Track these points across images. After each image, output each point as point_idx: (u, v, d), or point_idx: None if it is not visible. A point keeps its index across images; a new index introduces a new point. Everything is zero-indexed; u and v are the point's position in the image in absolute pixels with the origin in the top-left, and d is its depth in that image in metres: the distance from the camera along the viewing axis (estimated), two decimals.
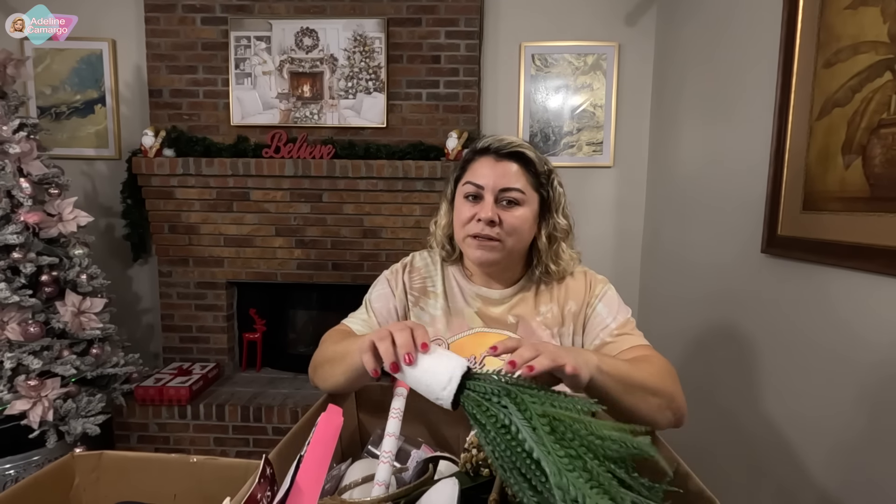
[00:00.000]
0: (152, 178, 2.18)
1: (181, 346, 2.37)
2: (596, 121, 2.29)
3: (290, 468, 0.35)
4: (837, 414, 1.09)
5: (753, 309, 1.43)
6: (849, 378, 1.07)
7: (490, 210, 0.79)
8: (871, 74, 1.03)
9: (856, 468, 1.04)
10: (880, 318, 0.99)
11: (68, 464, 0.63)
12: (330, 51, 2.17)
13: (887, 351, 0.98)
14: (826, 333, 1.14)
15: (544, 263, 0.86)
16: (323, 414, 0.41)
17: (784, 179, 1.28)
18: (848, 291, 1.08)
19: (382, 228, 2.23)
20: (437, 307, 0.88)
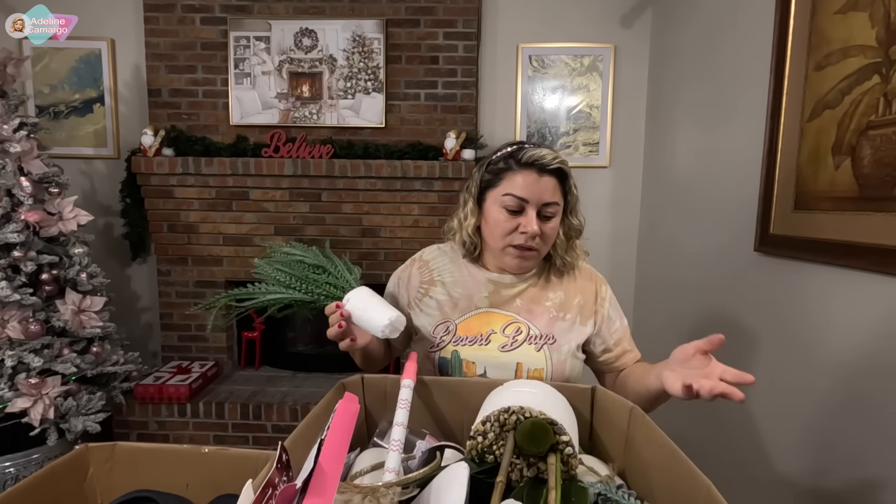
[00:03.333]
0: (152, 178, 2.19)
1: (180, 345, 2.38)
2: (592, 121, 2.32)
3: (312, 451, 0.37)
4: (823, 403, 1.12)
5: (746, 305, 1.46)
6: (837, 371, 1.10)
7: (535, 224, 0.84)
8: (860, 77, 1.06)
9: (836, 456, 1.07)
10: (869, 315, 1.02)
11: (83, 455, 0.65)
12: (329, 51, 2.19)
13: (874, 345, 1.01)
14: (815, 329, 1.17)
15: (561, 257, 0.93)
16: (341, 401, 0.43)
17: (776, 179, 1.31)
18: (838, 289, 1.11)
19: (381, 228, 2.25)
20: (444, 293, 0.94)
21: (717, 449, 1.53)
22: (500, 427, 0.57)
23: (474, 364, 0.88)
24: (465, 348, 0.89)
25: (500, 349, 0.88)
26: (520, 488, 0.53)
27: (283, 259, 0.89)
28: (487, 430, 0.57)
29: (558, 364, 0.88)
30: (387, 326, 0.76)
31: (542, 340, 0.89)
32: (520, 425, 0.55)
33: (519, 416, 0.56)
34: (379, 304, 0.79)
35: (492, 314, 0.91)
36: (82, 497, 0.64)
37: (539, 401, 0.58)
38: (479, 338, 0.89)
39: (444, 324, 0.91)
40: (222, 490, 0.63)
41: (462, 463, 0.47)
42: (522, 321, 0.90)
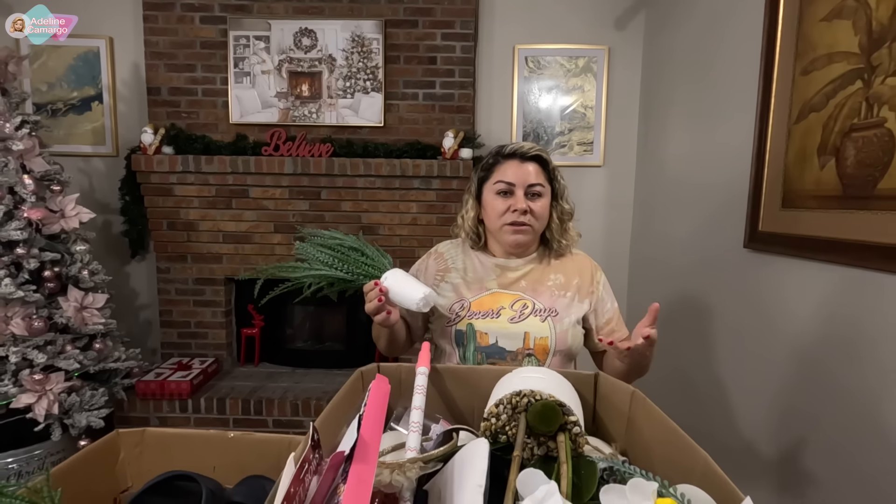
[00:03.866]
0: (152, 176, 2.21)
1: (179, 342, 2.39)
2: (586, 121, 2.37)
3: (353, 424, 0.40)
4: (795, 383, 1.18)
5: (735, 298, 1.51)
6: (812, 354, 1.16)
7: (523, 202, 0.99)
8: (843, 82, 1.11)
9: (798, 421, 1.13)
10: (850, 307, 1.08)
11: (114, 440, 0.68)
12: (328, 51, 2.22)
13: (850, 333, 1.06)
14: (797, 319, 1.23)
15: (557, 240, 1.06)
16: (374, 382, 0.47)
17: (765, 178, 1.37)
18: (822, 283, 1.17)
19: (380, 225, 2.28)
20: (458, 277, 1.07)
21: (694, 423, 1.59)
22: (512, 409, 0.61)
23: (487, 334, 1.00)
24: (478, 321, 1.01)
25: (509, 321, 1.00)
26: (532, 465, 0.57)
27: (323, 242, 0.99)
28: (500, 412, 0.61)
29: (561, 333, 0.99)
30: (421, 300, 0.88)
31: (546, 313, 1.01)
32: (531, 407, 0.60)
33: (530, 398, 0.60)
34: (414, 281, 0.92)
35: (501, 294, 1.03)
36: (114, 479, 0.67)
37: (547, 385, 0.62)
38: (491, 312, 1.01)
39: (459, 302, 1.03)
40: (248, 472, 0.67)
41: (482, 439, 0.51)
42: (528, 298, 1.02)
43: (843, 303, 1.11)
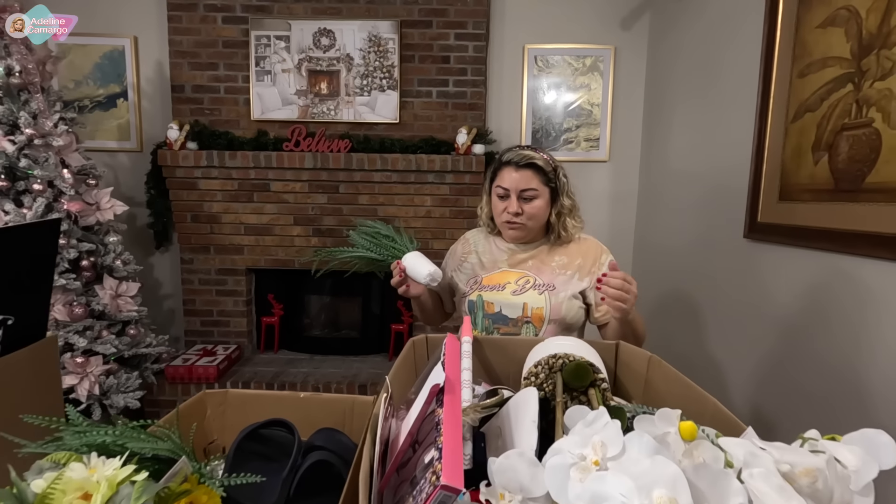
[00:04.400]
0: (177, 170, 2.30)
1: (203, 330, 2.50)
2: (593, 118, 2.47)
3: (437, 368, 0.51)
4: (785, 353, 1.30)
5: (735, 285, 1.62)
6: (805, 332, 1.27)
7: (514, 206, 1.15)
8: (836, 85, 1.22)
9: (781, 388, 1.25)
10: (839, 289, 1.19)
11: (202, 399, 0.78)
12: (346, 50, 2.31)
13: (837, 312, 1.17)
14: (792, 301, 1.34)
15: (557, 231, 1.21)
16: (447, 339, 0.58)
17: (763, 173, 1.47)
18: (815, 268, 1.28)
19: (395, 218, 2.38)
20: (476, 258, 1.26)
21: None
22: (549, 369, 0.71)
23: (493, 304, 1.17)
24: (486, 293, 1.18)
25: (511, 293, 1.16)
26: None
27: (367, 231, 1.23)
28: (539, 372, 0.72)
29: (556, 305, 1.14)
30: (428, 275, 1.09)
31: (544, 288, 1.16)
32: (565, 367, 0.70)
33: (564, 360, 0.71)
34: (425, 261, 1.12)
35: (509, 272, 1.20)
36: (203, 433, 0.77)
37: (578, 349, 0.73)
38: (498, 286, 1.18)
39: (473, 278, 1.22)
40: (317, 426, 0.77)
41: (532, 388, 0.62)
42: (531, 275, 1.18)
43: (833, 285, 1.22)
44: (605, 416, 0.45)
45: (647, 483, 0.35)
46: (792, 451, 0.37)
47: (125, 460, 0.46)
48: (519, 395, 0.60)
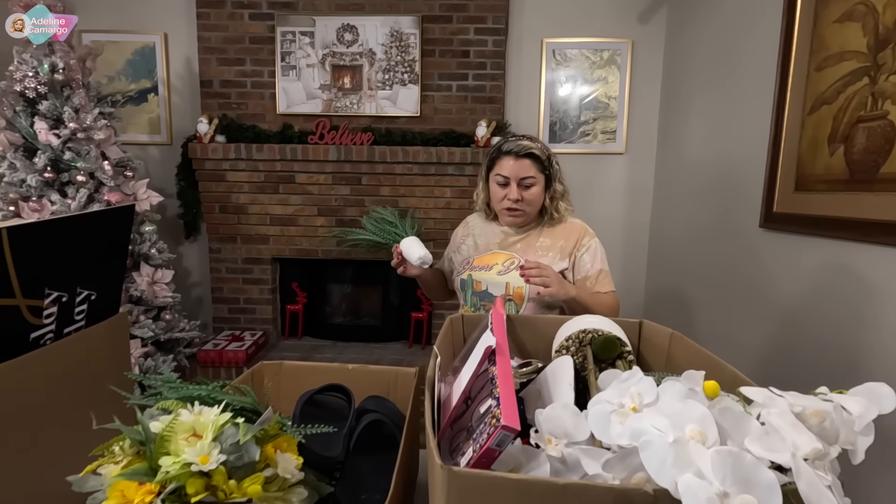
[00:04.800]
0: (206, 163, 2.39)
1: (230, 317, 2.59)
2: (610, 111, 2.51)
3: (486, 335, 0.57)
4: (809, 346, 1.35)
5: (751, 273, 1.67)
6: (816, 317, 1.32)
7: (515, 193, 1.22)
8: (852, 78, 1.25)
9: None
10: (853, 276, 1.24)
11: (259, 369, 0.86)
12: (369, 45, 2.37)
13: (855, 298, 1.22)
14: (808, 288, 1.38)
15: (549, 213, 1.28)
16: (493, 309, 0.64)
17: (780, 165, 1.51)
18: (830, 256, 1.32)
19: (416, 209, 2.45)
20: (472, 241, 1.36)
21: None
22: (578, 343, 0.78)
23: (480, 282, 1.26)
24: (475, 272, 1.28)
25: (497, 273, 1.26)
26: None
27: (377, 216, 1.39)
28: (570, 346, 0.78)
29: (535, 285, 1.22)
30: (418, 259, 1.22)
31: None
32: (595, 340, 0.77)
33: (594, 334, 0.77)
34: (418, 246, 1.24)
35: (498, 253, 1.29)
36: (261, 400, 0.85)
37: (605, 325, 0.79)
38: (486, 267, 1.27)
39: (467, 259, 1.32)
40: (365, 395, 0.84)
41: (567, 356, 0.68)
42: (517, 257, 1.26)
43: (848, 273, 1.27)
44: (638, 373, 0.52)
45: (680, 421, 0.41)
46: (804, 397, 0.43)
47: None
48: (555, 363, 0.66)
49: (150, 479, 0.47)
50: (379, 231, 1.35)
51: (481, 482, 0.42)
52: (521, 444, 0.50)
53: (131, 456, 0.50)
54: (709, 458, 0.37)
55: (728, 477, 0.36)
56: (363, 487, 0.66)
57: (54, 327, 0.72)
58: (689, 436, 0.40)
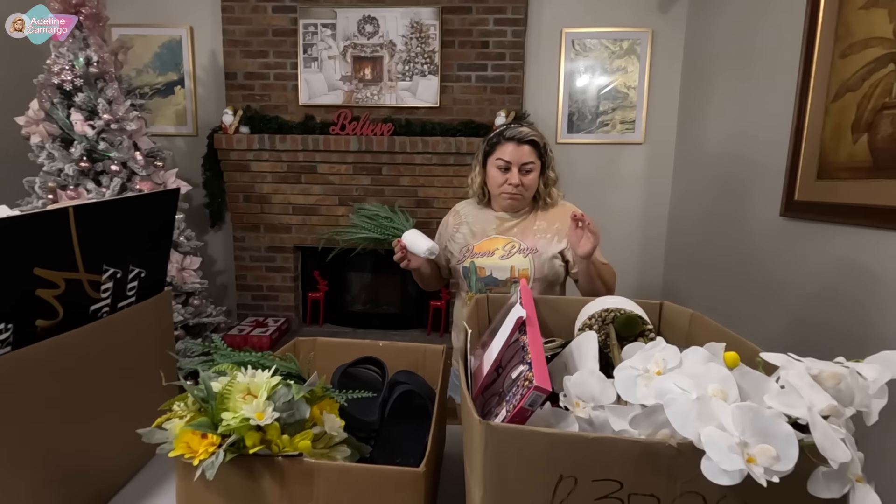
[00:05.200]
0: (231, 153, 2.45)
1: (253, 304, 2.67)
2: (629, 101, 2.51)
3: (515, 308, 0.61)
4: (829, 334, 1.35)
5: (771, 261, 1.67)
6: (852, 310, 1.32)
7: (516, 178, 1.25)
8: (878, 65, 1.25)
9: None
10: (876, 263, 1.24)
11: (295, 344, 0.91)
12: (389, 37, 2.40)
13: (876, 286, 1.23)
14: (829, 274, 1.39)
15: (543, 198, 1.32)
16: (521, 286, 0.68)
17: (802, 153, 1.51)
18: (851, 243, 1.33)
19: (434, 199, 2.49)
20: (467, 228, 1.36)
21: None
22: (601, 322, 0.81)
23: (484, 268, 1.29)
24: (478, 259, 1.30)
25: (500, 258, 1.28)
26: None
27: (366, 213, 1.36)
28: (592, 324, 0.81)
29: (539, 265, 1.27)
30: (426, 250, 1.21)
31: (528, 251, 1.28)
32: (617, 319, 0.80)
33: (616, 313, 0.80)
34: (423, 238, 1.25)
35: (497, 238, 1.31)
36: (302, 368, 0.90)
37: (627, 305, 0.82)
38: (487, 252, 1.30)
39: (466, 246, 1.33)
40: (395, 370, 0.89)
41: (591, 331, 0.71)
42: (516, 241, 1.30)
43: (870, 259, 1.27)
44: (662, 342, 0.55)
45: (703, 381, 0.44)
46: (821, 362, 0.46)
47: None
48: (579, 338, 0.70)
49: (213, 431, 0.52)
50: (375, 227, 1.33)
51: (516, 436, 0.46)
52: (550, 407, 0.54)
53: (193, 412, 0.55)
54: (730, 412, 0.41)
55: (748, 429, 0.39)
56: (398, 452, 0.70)
57: (110, 301, 0.77)
58: (711, 393, 0.43)
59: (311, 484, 0.53)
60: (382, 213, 1.35)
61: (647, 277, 2.57)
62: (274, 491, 0.54)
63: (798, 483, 0.40)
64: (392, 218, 1.34)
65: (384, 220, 1.33)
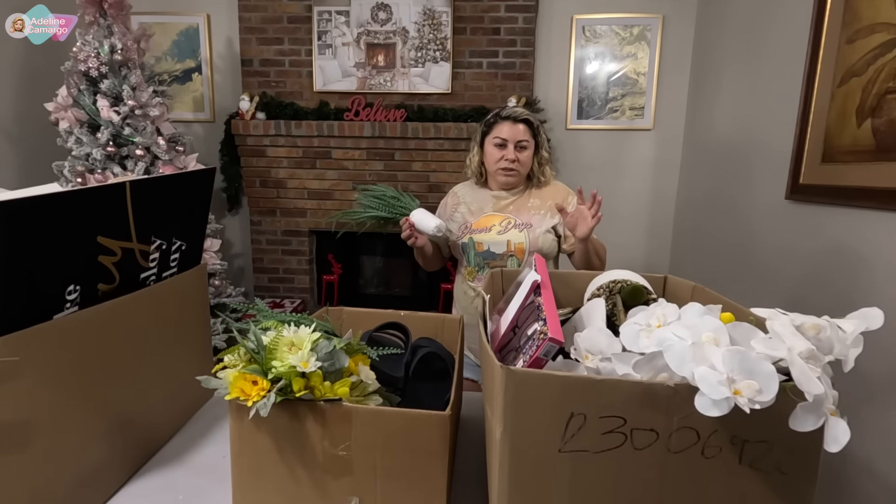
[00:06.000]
0: (247, 139, 2.51)
1: (270, 286, 2.75)
2: (639, 87, 2.54)
3: (531, 271, 0.67)
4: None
5: (776, 243, 1.72)
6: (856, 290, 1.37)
7: (512, 154, 1.34)
8: (883, 50, 1.28)
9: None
10: (880, 244, 1.29)
11: (321, 315, 0.98)
12: (402, 24, 2.44)
13: (879, 266, 1.27)
14: (833, 256, 1.43)
15: (537, 177, 1.41)
16: (535, 257, 0.74)
17: (808, 137, 1.55)
18: (855, 225, 1.37)
19: (446, 184, 2.54)
20: (465, 208, 1.44)
21: None
22: (609, 292, 0.87)
23: (482, 244, 1.36)
24: (476, 235, 1.37)
25: (496, 233, 1.36)
26: None
27: (373, 193, 1.45)
28: (601, 294, 0.87)
29: (533, 240, 1.34)
30: (435, 228, 1.29)
31: (523, 226, 1.36)
32: (623, 289, 0.85)
33: (623, 283, 0.86)
34: (431, 216, 1.33)
35: (493, 215, 1.39)
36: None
37: (632, 276, 0.88)
38: (485, 229, 1.37)
39: (464, 224, 1.41)
40: (416, 337, 0.95)
41: (599, 299, 0.78)
42: (511, 217, 1.38)
43: (874, 239, 1.31)
44: (663, 301, 0.61)
45: (698, 331, 0.50)
46: (805, 316, 0.52)
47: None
48: (588, 304, 0.76)
49: (263, 377, 0.59)
50: (383, 207, 1.40)
51: (534, 379, 0.52)
52: (562, 360, 0.60)
53: (244, 362, 0.62)
54: (720, 355, 0.47)
55: (736, 368, 0.45)
56: (422, 407, 0.77)
57: (156, 271, 0.84)
58: (704, 340, 0.49)
59: (350, 425, 0.60)
60: (389, 193, 1.43)
61: (654, 261, 2.62)
62: (316, 431, 0.61)
63: (779, 420, 0.46)
64: (399, 198, 1.41)
65: (391, 200, 1.40)
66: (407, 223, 1.32)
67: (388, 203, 1.39)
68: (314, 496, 0.62)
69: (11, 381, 0.58)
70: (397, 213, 1.37)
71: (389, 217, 1.38)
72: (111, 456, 0.74)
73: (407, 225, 1.32)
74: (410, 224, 1.32)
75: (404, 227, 1.33)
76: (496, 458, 0.55)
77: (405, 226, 1.33)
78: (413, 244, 1.35)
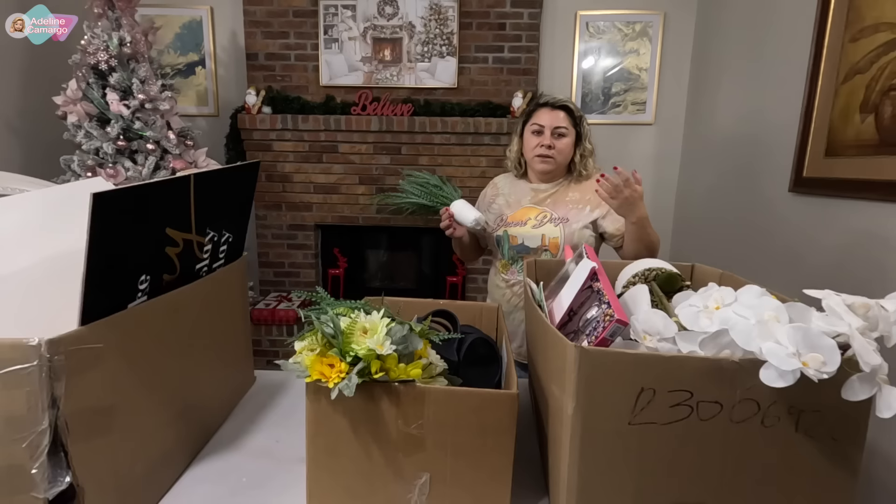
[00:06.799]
0: (254, 133, 2.51)
1: (275, 280, 2.76)
2: (640, 82, 2.59)
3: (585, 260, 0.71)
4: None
5: (780, 236, 1.78)
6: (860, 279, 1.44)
7: (548, 139, 1.32)
8: (886, 49, 1.34)
9: None
10: (883, 234, 1.35)
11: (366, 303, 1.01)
12: (408, 18, 2.45)
13: (883, 256, 1.34)
14: (837, 250, 1.50)
15: (578, 170, 1.38)
16: (585, 246, 0.78)
17: (811, 132, 1.61)
18: (857, 217, 1.44)
19: (452, 178, 2.55)
20: (503, 199, 1.44)
21: None
22: (644, 279, 0.91)
23: (516, 237, 1.35)
24: (511, 228, 1.37)
25: (532, 227, 1.35)
26: None
27: (416, 180, 1.45)
28: (636, 282, 0.91)
29: (569, 235, 1.33)
30: (474, 220, 1.29)
31: (559, 221, 1.34)
32: (658, 276, 0.90)
33: (657, 271, 0.90)
34: (471, 208, 1.33)
35: (531, 208, 1.38)
36: None
37: (665, 265, 0.93)
38: (520, 222, 1.36)
39: (500, 216, 1.40)
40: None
41: (642, 284, 0.82)
42: (548, 211, 1.36)
43: (877, 230, 1.38)
44: (714, 286, 0.65)
45: (760, 310, 0.55)
46: (853, 296, 0.56)
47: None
48: (633, 290, 0.80)
49: (342, 360, 0.62)
50: (425, 195, 1.40)
51: (606, 356, 0.56)
52: (621, 340, 0.64)
53: (321, 346, 0.65)
54: (784, 331, 0.51)
55: (800, 343, 0.50)
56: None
57: (208, 262, 0.87)
58: (767, 318, 0.54)
59: (423, 405, 0.64)
60: (433, 181, 1.43)
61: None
62: (391, 411, 0.64)
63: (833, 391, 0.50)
64: (441, 187, 1.41)
65: (434, 189, 1.41)
66: (447, 213, 1.32)
67: (431, 191, 1.40)
68: (387, 472, 0.66)
69: (96, 367, 0.60)
70: (438, 202, 1.37)
71: (430, 205, 1.39)
72: (177, 439, 0.76)
73: (447, 215, 1.32)
74: (450, 214, 1.32)
75: (444, 217, 1.32)
76: (566, 433, 0.59)
77: (444, 216, 1.32)
78: (451, 234, 1.35)
